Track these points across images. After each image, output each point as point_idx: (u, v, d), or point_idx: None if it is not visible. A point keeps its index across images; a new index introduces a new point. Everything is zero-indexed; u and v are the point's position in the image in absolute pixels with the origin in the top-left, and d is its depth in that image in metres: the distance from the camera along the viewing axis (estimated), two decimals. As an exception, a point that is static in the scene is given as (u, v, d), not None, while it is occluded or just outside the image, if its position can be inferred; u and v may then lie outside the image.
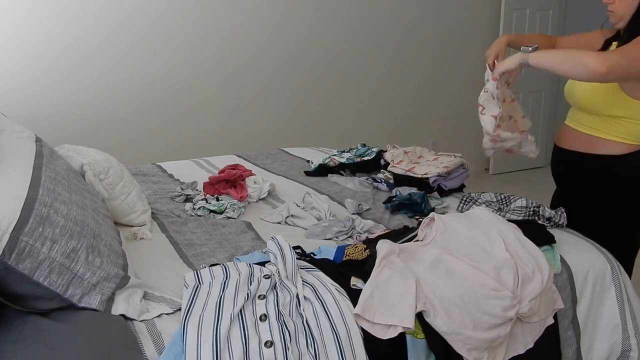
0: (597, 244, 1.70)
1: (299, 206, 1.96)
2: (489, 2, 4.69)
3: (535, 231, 1.57)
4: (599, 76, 1.54)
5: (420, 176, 2.17)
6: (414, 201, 1.94)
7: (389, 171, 2.30)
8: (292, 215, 1.92)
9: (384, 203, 2.03)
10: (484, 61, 1.90)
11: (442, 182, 2.13)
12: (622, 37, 1.74)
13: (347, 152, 2.59)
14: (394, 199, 2.00)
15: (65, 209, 1.30)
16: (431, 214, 1.55)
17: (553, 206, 2.01)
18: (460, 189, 2.21)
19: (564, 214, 1.77)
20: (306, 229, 1.82)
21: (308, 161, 2.69)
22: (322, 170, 2.48)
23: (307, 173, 2.50)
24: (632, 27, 1.69)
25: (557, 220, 1.76)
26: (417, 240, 1.54)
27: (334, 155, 2.56)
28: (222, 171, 2.27)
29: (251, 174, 2.26)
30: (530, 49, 1.67)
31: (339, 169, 2.47)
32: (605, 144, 1.77)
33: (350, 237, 1.74)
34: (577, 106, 1.87)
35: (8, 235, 1.13)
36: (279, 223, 1.91)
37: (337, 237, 1.73)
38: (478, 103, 1.81)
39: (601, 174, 1.80)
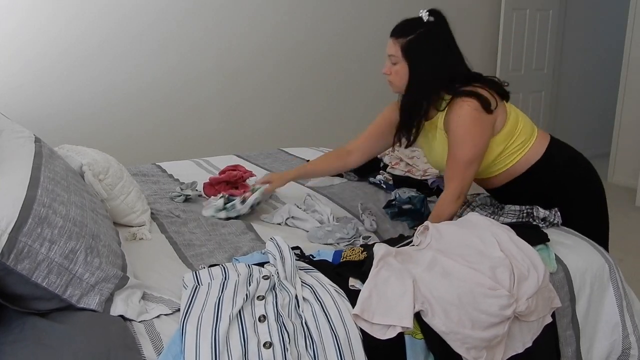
0: (594, 243, 1.70)
1: (300, 208, 1.96)
2: (489, 2, 4.69)
3: (529, 231, 1.57)
4: (461, 204, 1.77)
5: (419, 178, 2.17)
6: (413, 205, 1.93)
7: (389, 172, 2.30)
8: (292, 217, 1.91)
9: (383, 208, 2.02)
10: (483, 61, 1.90)
11: (440, 184, 2.13)
12: (404, 108, 1.81)
13: None
14: (394, 202, 2.00)
15: (64, 209, 1.30)
16: (425, 223, 1.55)
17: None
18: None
19: (558, 213, 1.77)
20: (307, 231, 1.82)
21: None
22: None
23: None
24: (407, 98, 1.79)
25: (552, 220, 1.76)
26: (413, 246, 1.54)
27: None
28: (222, 172, 2.27)
29: (252, 175, 2.26)
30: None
31: None
32: (519, 166, 1.81)
33: (351, 244, 1.74)
34: (485, 187, 1.96)
35: (7, 236, 1.13)
36: (279, 224, 1.91)
37: (338, 244, 1.73)
38: None
39: (533, 186, 1.83)
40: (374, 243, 1.59)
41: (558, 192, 1.83)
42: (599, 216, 1.89)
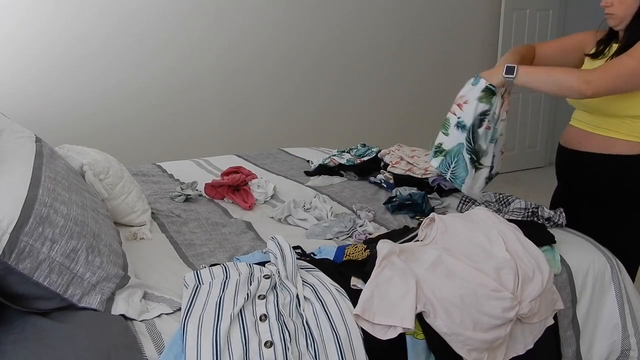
0: (596, 243, 1.70)
1: (303, 206, 1.95)
2: (489, 2, 4.69)
3: (536, 231, 1.57)
4: (586, 97, 1.60)
5: (420, 177, 2.17)
6: (414, 201, 1.94)
7: (389, 171, 2.30)
8: (291, 216, 1.92)
9: (384, 204, 2.03)
10: (483, 61, 1.90)
11: (442, 182, 2.13)
12: (622, 39, 1.73)
13: (347, 152, 2.59)
14: (394, 199, 2.00)
15: (65, 209, 1.30)
16: (431, 214, 1.55)
17: (553, 205, 2.01)
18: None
19: (563, 214, 1.77)
20: (306, 229, 1.82)
21: (308, 161, 2.69)
22: (322, 171, 2.48)
23: (307, 173, 2.50)
24: (632, 29, 1.68)
25: (556, 220, 1.76)
26: (418, 241, 1.54)
27: (334, 155, 2.56)
28: (225, 173, 2.26)
29: (254, 177, 2.26)
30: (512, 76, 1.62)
31: (339, 169, 2.47)
32: (622, 145, 1.74)
33: (350, 236, 1.74)
34: (588, 109, 1.83)
35: (8, 235, 1.13)
36: (279, 220, 1.91)
37: (337, 237, 1.73)
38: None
39: (617, 174, 1.77)
40: (378, 236, 1.59)
41: (624, 196, 1.77)
42: None
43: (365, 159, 2.49)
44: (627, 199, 1.79)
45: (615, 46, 1.78)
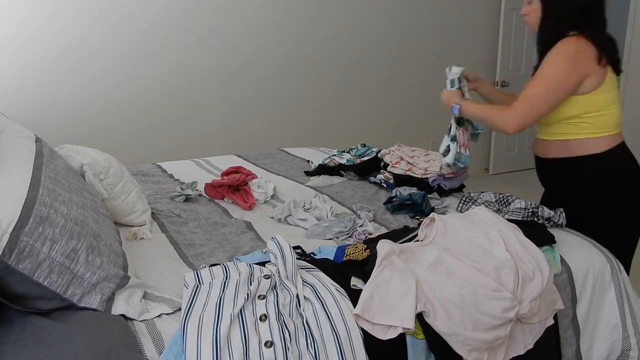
0: (596, 243, 1.70)
1: (303, 206, 1.96)
2: (489, 2, 4.69)
3: (536, 231, 1.57)
4: (512, 134, 1.77)
5: (420, 177, 2.17)
6: (414, 201, 1.94)
7: (389, 171, 2.30)
8: (291, 215, 1.92)
9: (384, 204, 2.03)
10: (484, 61, 1.92)
11: (441, 182, 2.13)
12: (537, 46, 1.88)
13: (346, 152, 2.59)
14: (394, 199, 2.00)
15: (65, 209, 1.30)
16: (431, 214, 1.55)
17: None
18: (460, 188, 2.21)
19: (563, 214, 1.77)
20: (306, 229, 1.82)
21: (308, 161, 2.69)
22: (322, 171, 2.48)
23: (307, 173, 2.50)
24: (539, 35, 1.84)
25: (556, 220, 1.76)
26: (418, 241, 1.54)
27: (334, 155, 2.56)
28: (224, 173, 2.26)
29: (254, 177, 2.26)
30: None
31: (339, 169, 2.47)
32: (579, 145, 1.79)
33: (350, 236, 1.74)
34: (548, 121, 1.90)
35: (8, 235, 1.13)
36: (279, 220, 1.92)
37: (337, 237, 1.73)
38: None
39: (585, 175, 1.81)
40: (378, 236, 1.59)
41: (599, 194, 1.80)
42: (632, 231, 1.85)
43: (365, 159, 2.49)
44: (607, 200, 1.80)
45: None
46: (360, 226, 1.79)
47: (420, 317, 1.26)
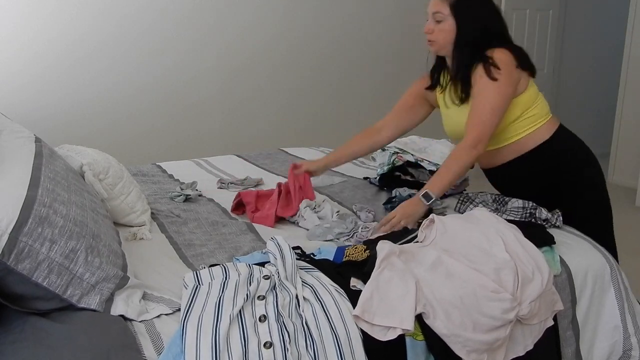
0: (596, 244, 1.70)
1: (314, 208, 1.93)
2: (489, 2, 4.69)
3: (536, 232, 1.57)
4: (478, 156, 1.77)
5: (432, 166, 2.15)
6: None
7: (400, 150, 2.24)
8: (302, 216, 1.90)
9: (384, 204, 2.02)
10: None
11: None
12: (452, 68, 1.84)
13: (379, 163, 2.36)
14: (394, 199, 2.00)
15: (64, 209, 1.30)
16: (431, 216, 1.54)
17: None
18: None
19: (560, 216, 1.77)
20: (308, 230, 1.82)
21: (373, 158, 2.47)
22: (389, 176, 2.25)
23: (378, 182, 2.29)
24: (457, 57, 1.81)
25: (553, 222, 1.76)
26: (417, 242, 1.54)
27: (397, 152, 2.30)
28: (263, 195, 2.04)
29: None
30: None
31: (404, 171, 2.26)
32: (529, 140, 1.85)
33: (351, 237, 1.74)
34: None
35: (7, 236, 1.13)
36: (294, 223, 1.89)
37: (338, 239, 1.73)
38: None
39: (544, 165, 1.86)
40: (378, 238, 1.58)
41: (560, 176, 1.86)
42: (601, 206, 1.91)
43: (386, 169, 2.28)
44: (568, 183, 1.86)
45: (444, 75, 1.93)
46: (363, 228, 1.78)
47: (419, 319, 1.26)
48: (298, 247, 1.57)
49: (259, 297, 1.26)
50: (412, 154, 2.23)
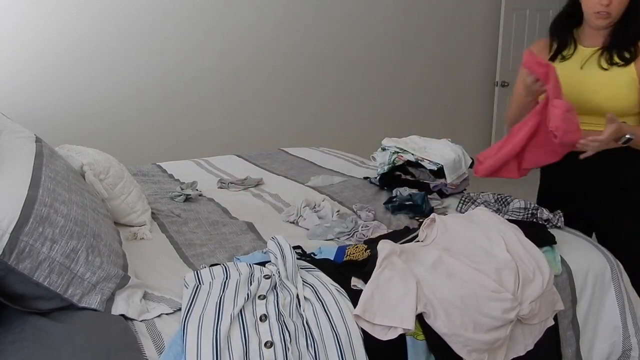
0: (596, 244, 1.70)
1: (313, 208, 1.94)
2: (489, 2, 4.69)
3: (537, 232, 1.57)
4: None
5: (433, 165, 2.13)
6: (414, 202, 1.94)
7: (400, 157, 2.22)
8: (302, 216, 1.90)
9: (384, 204, 2.02)
10: (484, 61, 1.89)
11: (443, 187, 2.13)
12: (609, 37, 1.74)
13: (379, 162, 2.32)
14: (394, 199, 2.00)
15: (65, 209, 1.30)
16: (432, 215, 1.54)
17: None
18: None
19: (562, 217, 1.77)
20: (308, 229, 1.82)
21: (373, 158, 2.41)
22: (389, 175, 2.23)
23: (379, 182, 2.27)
24: (627, 24, 1.71)
25: (555, 222, 1.76)
26: (418, 241, 1.54)
27: (397, 151, 2.26)
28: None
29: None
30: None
31: (404, 171, 2.25)
32: None
33: (351, 236, 1.74)
34: (598, 113, 1.77)
35: (8, 235, 1.13)
36: (293, 222, 1.89)
37: (338, 238, 1.73)
38: None
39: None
40: (379, 237, 1.58)
41: None
42: None
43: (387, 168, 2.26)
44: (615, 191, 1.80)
45: (583, 49, 1.79)
46: (363, 227, 1.78)
47: (420, 318, 1.26)
48: (299, 247, 1.57)
49: (259, 296, 1.26)
50: (412, 154, 2.21)
